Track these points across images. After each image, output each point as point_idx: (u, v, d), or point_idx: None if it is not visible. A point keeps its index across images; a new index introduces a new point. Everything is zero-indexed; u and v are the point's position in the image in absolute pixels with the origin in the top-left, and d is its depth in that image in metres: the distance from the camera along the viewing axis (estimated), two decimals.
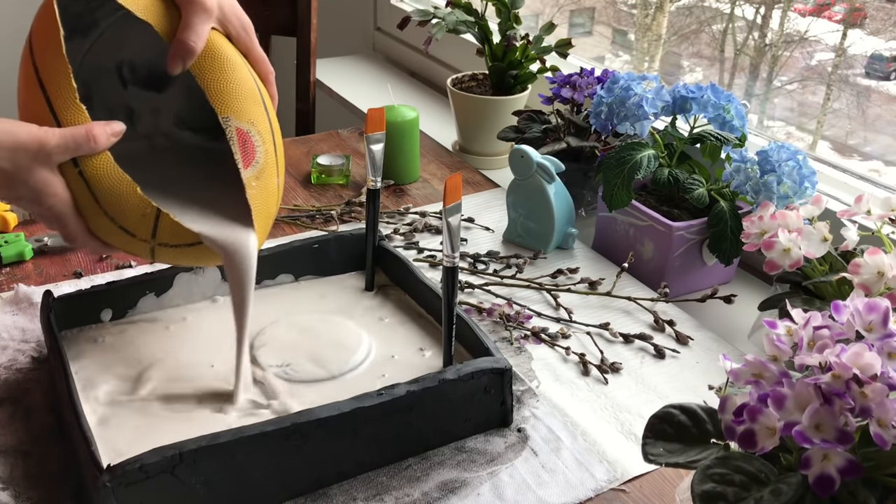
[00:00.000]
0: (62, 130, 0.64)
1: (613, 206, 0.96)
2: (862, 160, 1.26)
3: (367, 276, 0.92)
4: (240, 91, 0.70)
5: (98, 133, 0.65)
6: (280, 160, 0.74)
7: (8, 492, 0.67)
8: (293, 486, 0.67)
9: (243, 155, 0.69)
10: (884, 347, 0.50)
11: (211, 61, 0.69)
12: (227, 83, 0.70)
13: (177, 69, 0.68)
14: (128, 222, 0.68)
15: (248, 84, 0.71)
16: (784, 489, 0.48)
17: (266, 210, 0.72)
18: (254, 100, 0.71)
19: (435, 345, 0.82)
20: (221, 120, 0.69)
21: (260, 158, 0.70)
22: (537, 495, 0.68)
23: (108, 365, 0.77)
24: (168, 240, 0.69)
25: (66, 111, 0.65)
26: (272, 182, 0.72)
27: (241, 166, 0.69)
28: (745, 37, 1.47)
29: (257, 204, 0.71)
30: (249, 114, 0.70)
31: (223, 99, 0.69)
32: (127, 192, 0.66)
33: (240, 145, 0.69)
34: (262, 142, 0.71)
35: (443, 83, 1.40)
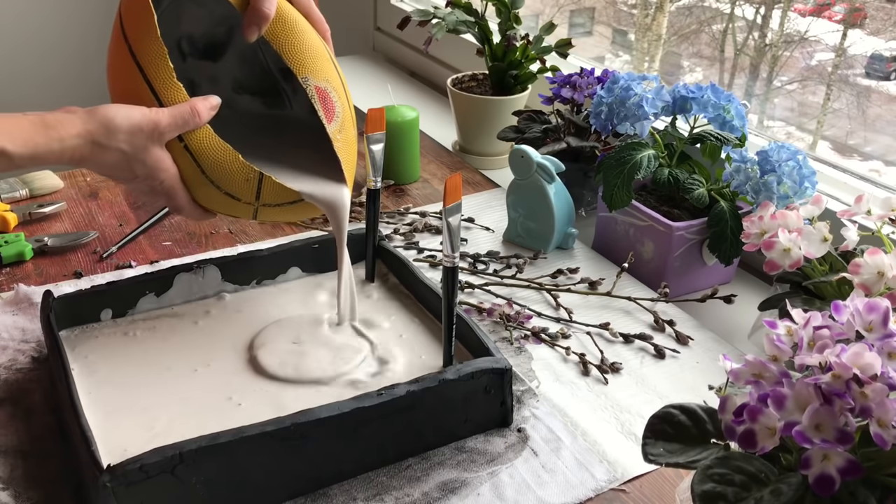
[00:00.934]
0: (170, 109, 0.69)
1: (613, 206, 0.96)
2: (862, 160, 1.27)
3: (367, 269, 0.92)
4: (312, 51, 0.74)
5: (201, 108, 0.70)
6: (352, 112, 0.79)
7: (8, 492, 0.67)
8: (293, 486, 0.67)
9: (325, 111, 0.74)
10: (884, 347, 0.50)
11: (282, 26, 0.74)
12: (300, 45, 0.74)
13: (253, 36, 0.72)
14: (233, 188, 0.73)
15: (317, 44, 0.76)
16: (784, 489, 0.48)
17: (351, 159, 0.77)
18: (325, 58, 0.76)
19: (435, 344, 0.82)
20: (301, 80, 0.73)
21: (339, 112, 0.75)
22: (537, 495, 0.68)
23: (109, 364, 0.77)
24: (271, 200, 0.75)
25: (167, 91, 0.70)
26: (352, 133, 0.78)
27: (325, 122, 0.73)
28: (745, 37, 1.47)
29: (344, 155, 0.76)
30: (324, 71, 0.75)
31: (300, 60, 0.73)
32: (230, 160, 0.72)
33: (321, 102, 0.73)
34: (339, 97, 0.75)
35: (443, 83, 1.40)
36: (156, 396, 0.74)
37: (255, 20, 0.72)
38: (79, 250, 1.03)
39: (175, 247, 1.05)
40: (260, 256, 0.90)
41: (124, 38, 0.70)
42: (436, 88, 1.69)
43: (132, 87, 0.70)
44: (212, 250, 1.03)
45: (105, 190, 1.18)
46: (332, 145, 0.75)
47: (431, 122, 1.49)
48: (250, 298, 0.88)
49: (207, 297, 0.87)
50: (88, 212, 1.12)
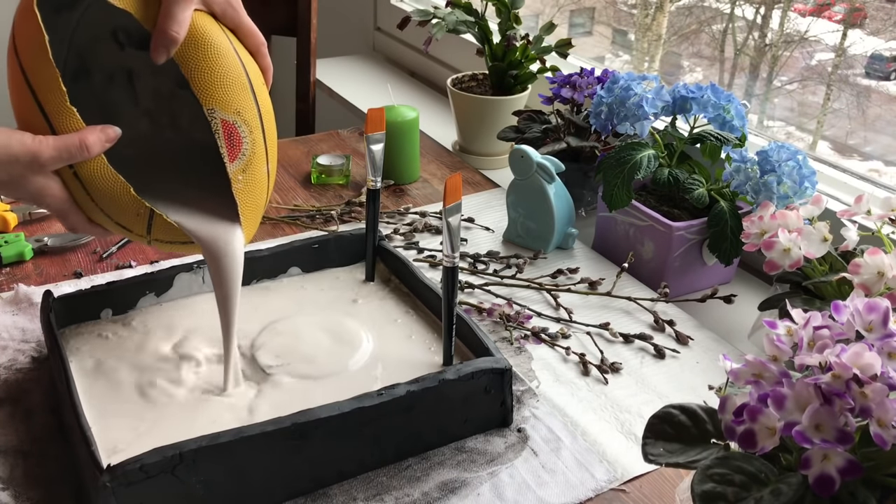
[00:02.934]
0: (55, 141, 0.64)
1: (613, 206, 0.96)
2: (862, 160, 1.26)
3: (367, 269, 0.92)
4: (225, 79, 0.68)
5: (91, 142, 0.65)
6: (271, 144, 0.73)
7: (8, 492, 0.67)
8: (293, 486, 0.67)
9: (229, 149, 0.69)
10: (884, 347, 0.50)
11: (194, 49, 0.67)
12: (211, 72, 0.67)
13: (160, 59, 0.66)
14: (123, 220, 0.69)
15: (233, 70, 0.69)
16: (784, 489, 0.48)
17: (254, 202, 0.72)
18: (240, 86, 0.69)
19: (435, 345, 0.82)
20: (206, 112, 0.67)
21: (247, 150, 0.70)
22: (537, 495, 0.68)
23: (109, 364, 0.77)
24: (162, 237, 0.71)
25: (57, 116, 0.65)
26: (260, 170, 0.72)
27: (226, 160, 0.69)
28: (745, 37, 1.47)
29: (244, 198, 0.71)
30: (235, 102, 0.68)
31: (207, 89, 0.67)
32: (120, 193, 0.67)
33: (225, 138, 0.68)
34: (249, 131, 0.70)
35: (443, 83, 1.40)
36: (157, 395, 0.74)
37: (162, 42, 0.66)
38: (79, 250, 1.03)
39: None
40: (260, 256, 0.90)
41: (17, 58, 0.66)
42: (436, 88, 1.69)
43: (26, 110, 0.66)
44: None
45: None
46: (231, 186, 0.70)
47: (431, 122, 1.49)
48: (250, 296, 0.88)
49: (209, 293, 0.87)
50: None
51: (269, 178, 0.73)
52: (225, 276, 0.73)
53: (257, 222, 0.74)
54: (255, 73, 0.71)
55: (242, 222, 0.72)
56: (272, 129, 0.73)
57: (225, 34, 0.70)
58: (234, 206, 0.70)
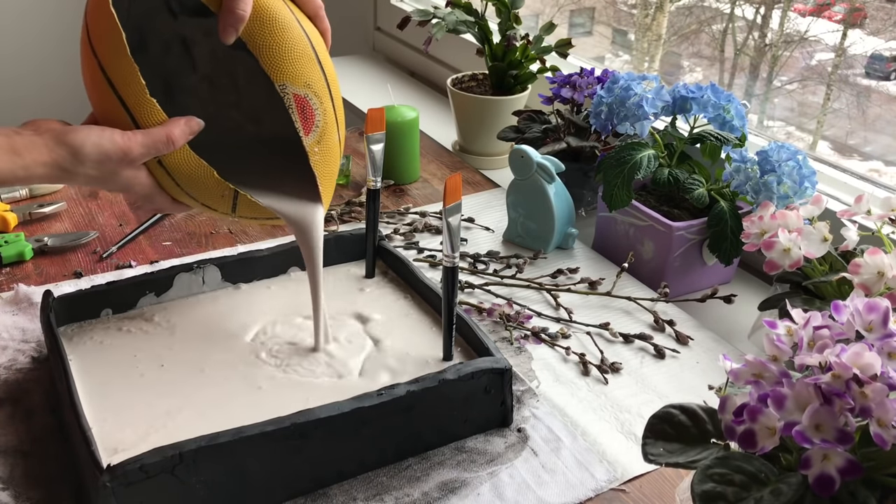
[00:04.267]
0: (144, 137, 0.67)
1: (613, 206, 0.96)
2: (862, 160, 1.27)
3: (367, 269, 0.92)
4: (293, 52, 0.69)
5: (176, 135, 0.68)
6: (339, 110, 0.74)
7: (8, 492, 0.67)
8: (293, 486, 0.67)
9: (303, 122, 0.70)
10: (884, 347, 0.50)
11: (260, 25, 0.68)
12: (279, 47, 0.68)
13: (230, 39, 0.67)
14: (209, 201, 0.72)
15: (300, 42, 0.70)
16: (784, 489, 0.48)
17: (330, 170, 0.74)
18: (307, 57, 0.70)
19: (435, 345, 0.81)
20: (278, 88, 0.68)
21: (319, 121, 0.71)
22: (537, 495, 0.68)
23: (109, 364, 0.77)
24: (247, 213, 0.73)
25: (139, 108, 0.67)
26: (333, 139, 0.73)
27: (301, 134, 0.70)
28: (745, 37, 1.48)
29: (321, 169, 0.72)
30: (305, 75, 0.69)
31: (277, 64, 0.68)
32: (205, 177, 0.70)
33: (299, 112, 0.69)
34: (320, 102, 0.71)
35: (443, 83, 1.40)
36: (156, 395, 0.74)
37: (230, 21, 0.67)
38: (79, 250, 1.03)
39: (175, 247, 1.05)
40: (260, 256, 0.90)
41: (94, 55, 0.67)
42: (436, 88, 1.69)
43: (107, 104, 0.68)
44: (212, 250, 1.03)
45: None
46: (309, 159, 0.72)
47: (431, 122, 1.49)
48: (250, 294, 0.88)
49: (207, 293, 0.87)
50: (88, 212, 1.12)
51: (340, 145, 0.75)
52: (310, 240, 0.76)
53: (333, 187, 0.76)
54: (318, 40, 0.72)
55: (321, 191, 0.73)
56: (338, 94, 0.74)
57: (286, 3, 0.70)
58: (312, 178, 0.72)
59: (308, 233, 0.76)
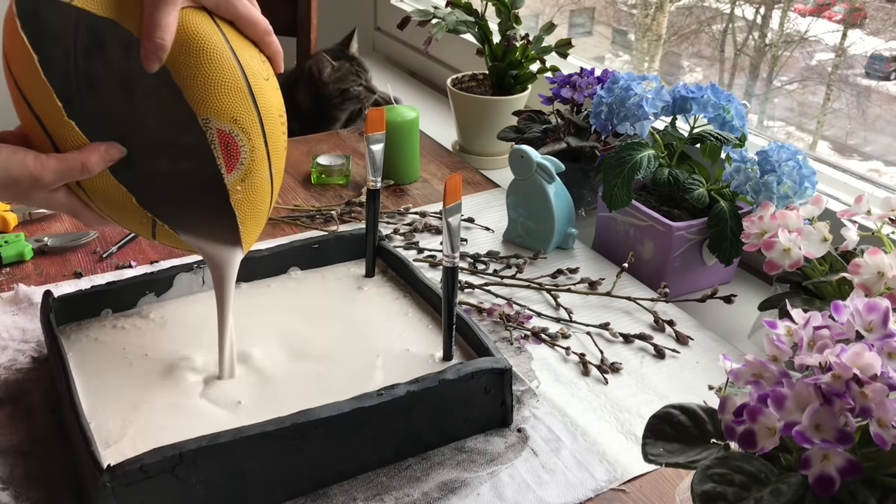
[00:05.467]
0: (57, 163, 0.64)
1: (613, 206, 0.96)
2: (862, 160, 1.27)
3: (367, 269, 0.92)
4: (220, 85, 0.64)
5: (93, 162, 0.64)
6: (275, 146, 0.69)
7: (8, 492, 0.67)
8: (293, 486, 0.67)
9: (226, 159, 0.66)
10: (884, 347, 0.50)
11: (185, 54, 0.63)
12: (203, 79, 0.63)
13: (153, 67, 0.63)
14: (129, 226, 0.70)
15: (229, 74, 0.64)
16: (784, 489, 0.48)
17: (255, 209, 0.70)
18: (236, 90, 0.65)
19: (435, 345, 0.81)
20: (201, 122, 0.64)
21: (245, 158, 0.66)
22: (537, 495, 0.68)
23: (109, 363, 0.77)
24: (167, 242, 0.71)
25: (57, 129, 0.64)
26: (261, 176, 0.69)
27: (223, 172, 0.66)
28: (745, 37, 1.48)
29: (243, 208, 0.68)
30: (231, 110, 0.65)
31: (200, 98, 0.63)
32: (124, 202, 0.67)
33: (222, 149, 0.65)
34: (248, 138, 0.66)
35: (443, 83, 1.40)
36: (157, 394, 0.74)
37: (150, 49, 0.62)
38: (79, 250, 1.03)
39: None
40: (260, 256, 0.90)
41: (10, 74, 0.65)
42: (436, 88, 1.69)
43: (27, 122, 0.66)
44: None
45: None
46: (229, 198, 0.67)
47: (431, 122, 1.49)
48: (250, 293, 0.88)
49: (206, 290, 0.87)
50: None
51: (272, 182, 0.71)
52: (223, 279, 0.74)
53: (261, 226, 0.73)
54: (256, 70, 0.67)
55: (242, 231, 0.70)
56: (275, 129, 0.69)
57: (220, 31, 0.65)
58: (232, 216, 0.68)
59: (222, 270, 0.73)
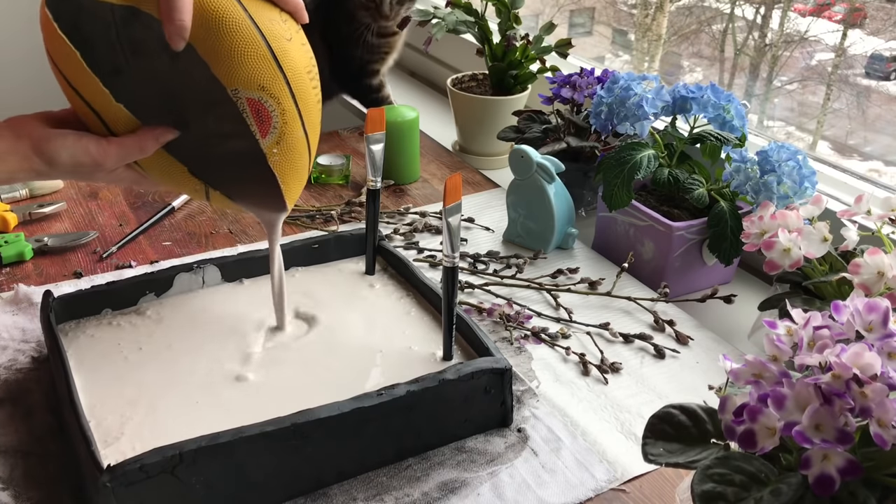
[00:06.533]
0: (117, 148, 0.69)
1: (613, 206, 0.96)
2: (862, 160, 1.27)
3: (367, 269, 0.92)
4: (244, 55, 0.65)
5: (149, 146, 0.70)
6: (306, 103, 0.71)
7: (8, 492, 0.67)
8: (293, 486, 0.67)
9: (259, 125, 0.68)
10: (884, 347, 0.50)
11: (205, 29, 0.64)
12: (228, 51, 0.65)
13: (179, 46, 0.64)
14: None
15: (251, 43, 0.66)
16: (784, 489, 0.48)
17: (294, 167, 0.73)
18: (260, 57, 0.66)
19: (437, 344, 0.81)
20: (230, 93, 0.66)
21: (277, 122, 0.69)
22: (537, 495, 0.68)
23: (106, 359, 0.77)
24: (220, 205, 0.76)
25: (109, 115, 0.68)
26: (296, 135, 0.71)
27: (258, 137, 0.69)
28: (745, 37, 1.48)
29: (282, 168, 0.72)
30: (258, 78, 0.66)
31: (227, 70, 0.65)
32: (178, 174, 0.72)
33: (254, 116, 0.68)
34: (277, 103, 0.68)
35: (443, 83, 1.40)
36: (157, 393, 0.74)
37: (172, 31, 0.63)
38: (79, 250, 1.03)
39: (175, 247, 1.05)
40: (260, 256, 0.90)
41: (57, 68, 0.68)
42: (436, 88, 1.69)
43: (79, 108, 0.69)
44: (212, 250, 1.03)
45: (105, 190, 1.18)
46: (267, 160, 0.70)
47: (431, 122, 1.49)
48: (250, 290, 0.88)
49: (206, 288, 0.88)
50: (88, 212, 1.12)
51: (308, 138, 0.73)
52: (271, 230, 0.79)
53: (303, 181, 0.76)
54: (277, 32, 0.67)
55: (285, 189, 0.73)
56: (304, 87, 0.70)
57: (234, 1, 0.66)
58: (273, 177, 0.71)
59: (271, 226, 0.79)
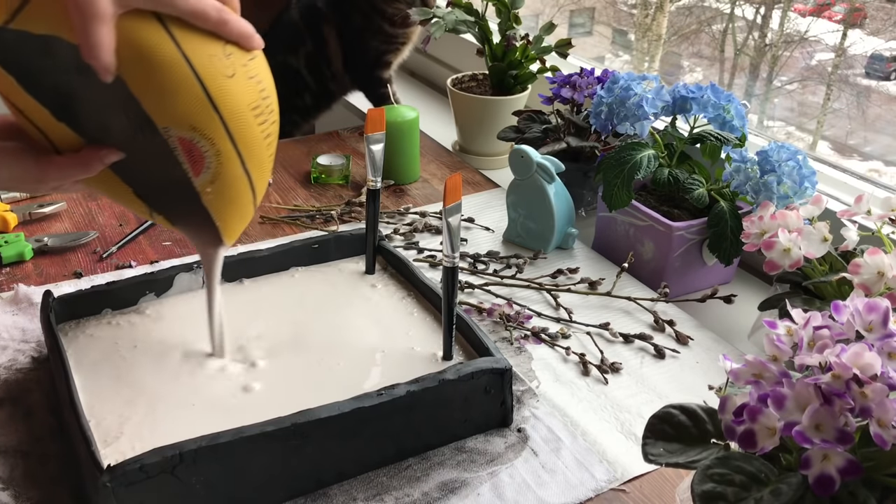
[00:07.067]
0: (58, 168, 0.66)
1: (613, 206, 0.96)
2: (862, 160, 1.27)
3: (368, 269, 0.92)
4: (174, 93, 0.61)
5: (93, 165, 0.66)
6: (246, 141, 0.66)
7: (8, 492, 0.67)
8: (293, 486, 0.67)
9: (191, 164, 0.65)
10: (884, 347, 0.50)
11: (133, 67, 0.60)
12: (157, 89, 0.61)
13: (108, 80, 0.60)
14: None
15: (182, 81, 0.61)
16: (784, 489, 0.48)
17: (231, 205, 0.69)
18: (193, 96, 0.62)
19: (435, 344, 0.81)
20: (161, 130, 0.63)
21: (211, 162, 0.65)
22: (537, 495, 0.68)
23: (105, 358, 0.77)
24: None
25: (52, 132, 0.65)
26: (233, 175, 0.67)
27: (190, 176, 0.66)
28: (745, 37, 1.48)
29: (217, 207, 0.68)
30: (190, 117, 0.62)
31: (157, 107, 0.62)
32: (124, 194, 0.69)
33: (185, 155, 0.64)
34: (211, 143, 0.64)
35: (443, 83, 1.40)
36: (157, 393, 0.74)
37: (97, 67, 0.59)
38: (79, 250, 1.03)
39: (175, 247, 1.05)
40: (260, 256, 0.90)
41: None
42: (436, 88, 1.69)
43: (22, 122, 0.66)
44: None
45: None
46: (201, 199, 0.67)
47: (431, 122, 1.49)
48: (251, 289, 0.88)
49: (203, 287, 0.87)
50: (88, 212, 1.12)
51: (250, 177, 0.69)
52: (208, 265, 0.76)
53: (245, 219, 0.72)
54: (216, 70, 0.63)
55: (221, 226, 0.70)
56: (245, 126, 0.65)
57: (169, 35, 0.61)
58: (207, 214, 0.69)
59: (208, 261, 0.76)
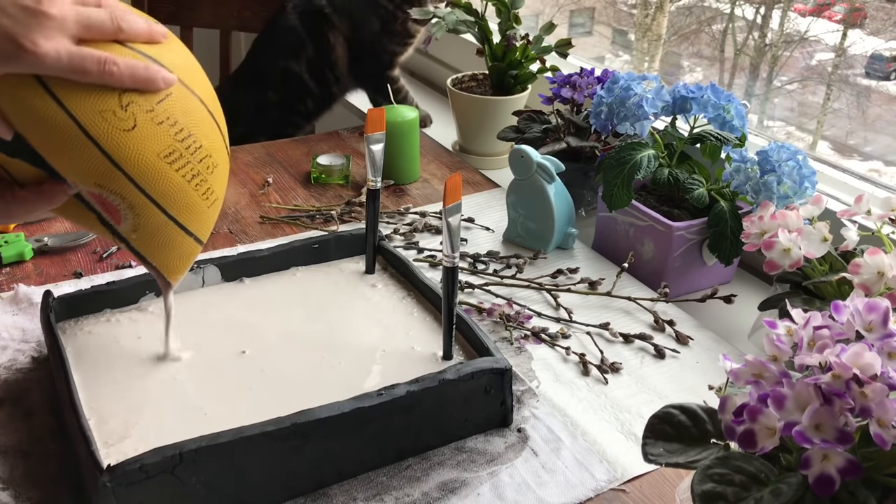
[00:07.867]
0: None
1: (613, 206, 0.96)
2: (862, 160, 1.27)
3: (368, 269, 0.92)
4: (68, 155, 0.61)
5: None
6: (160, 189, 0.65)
7: (8, 492, 0.67)
8: (293, 487, 0.67)
9: (109, 215, 0.65)
10: (884, 347, 0.50)
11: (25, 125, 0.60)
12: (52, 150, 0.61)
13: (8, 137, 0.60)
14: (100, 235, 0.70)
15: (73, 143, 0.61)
16: (784, 489, 0.48)
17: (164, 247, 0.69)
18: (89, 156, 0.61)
19: (435, 344, 0.81)
20: (71, 184, 0.63)
21: (126, 213, 0.65)
22: (537, 495, 0.68)
23: (105, 356, 0.77)
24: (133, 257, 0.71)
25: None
26: (154, 221, 0.66)
27: (112, 224, 0.66)
28: (745, 37, 1.48)
29: (149, 250, 0.68)
30: (92, 175, 0.62)
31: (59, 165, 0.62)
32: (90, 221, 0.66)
33: (100, 207, 0.65)
34: (121, 197, 0.64)
35: (443, 83, 1.40)
36: (155, 394, 0.74)
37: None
38: (79, 250, 1.03)
39: None
40: (260, 256, 0.90)
41: None
42: (436, 88, 1.69)
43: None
44: (212, 250, 1.03)
45: None
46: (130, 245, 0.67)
47: (432, 121, 1.49)
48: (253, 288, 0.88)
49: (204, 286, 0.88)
50: None
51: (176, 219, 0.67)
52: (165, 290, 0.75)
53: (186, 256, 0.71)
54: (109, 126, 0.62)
55: (158, 265, 0.70)
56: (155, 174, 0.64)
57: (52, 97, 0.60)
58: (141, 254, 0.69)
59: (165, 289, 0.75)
